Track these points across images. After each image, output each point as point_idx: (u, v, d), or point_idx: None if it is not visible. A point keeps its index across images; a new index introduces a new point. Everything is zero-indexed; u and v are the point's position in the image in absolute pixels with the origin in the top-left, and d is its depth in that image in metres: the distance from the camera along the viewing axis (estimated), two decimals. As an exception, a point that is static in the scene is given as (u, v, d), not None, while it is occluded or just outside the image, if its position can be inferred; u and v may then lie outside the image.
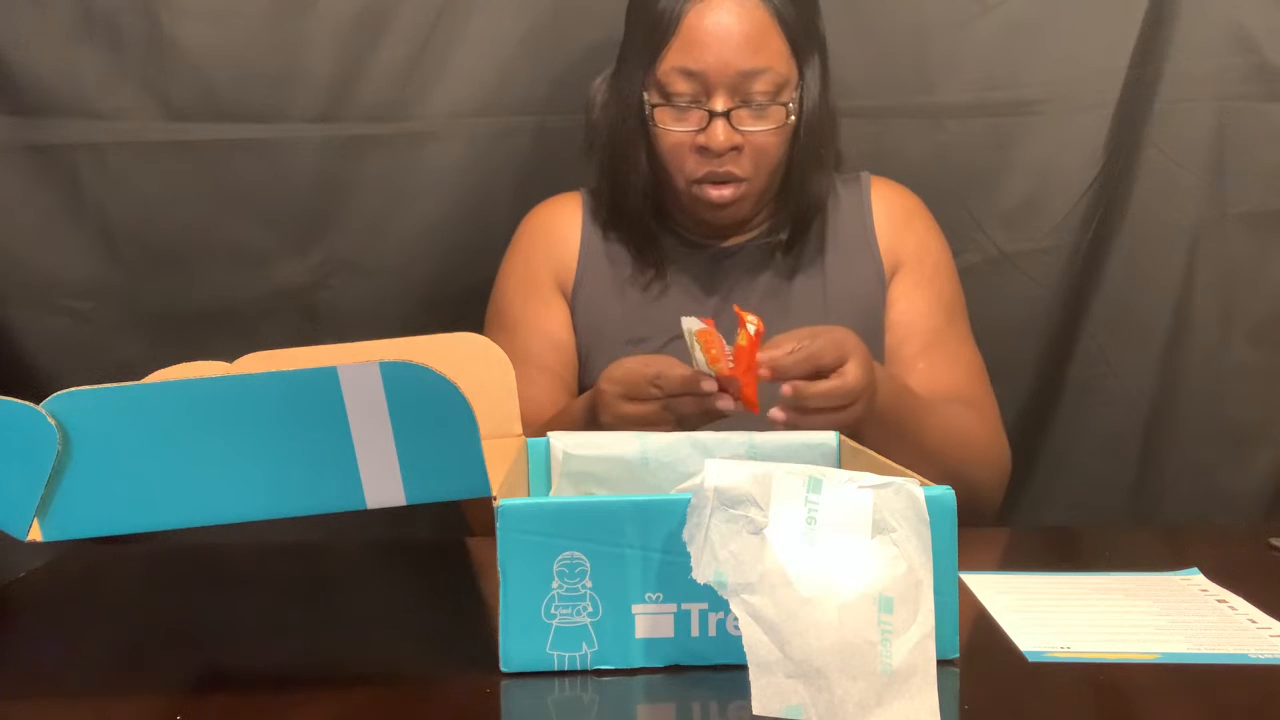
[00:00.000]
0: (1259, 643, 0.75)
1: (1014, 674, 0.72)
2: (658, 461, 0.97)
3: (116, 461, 0.69)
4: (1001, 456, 1.25)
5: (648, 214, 1.28)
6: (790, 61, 1.21)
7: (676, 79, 1.19)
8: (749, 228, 1.29)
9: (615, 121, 1.26)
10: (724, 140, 1.18)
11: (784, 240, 1.27)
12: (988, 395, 1.27)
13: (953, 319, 1.28)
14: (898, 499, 0.68)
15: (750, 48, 1.18)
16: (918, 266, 1.28)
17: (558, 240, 1.32)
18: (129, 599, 0.97)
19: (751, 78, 1.18)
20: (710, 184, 1.21)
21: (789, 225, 1.26)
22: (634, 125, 1.24)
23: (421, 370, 0.67)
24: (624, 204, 1.27)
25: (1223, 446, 1.46)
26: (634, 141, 1.25)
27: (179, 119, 1.44)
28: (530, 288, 1.30)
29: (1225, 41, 1.42)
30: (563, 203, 1.34)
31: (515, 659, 0.70)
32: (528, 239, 1.33)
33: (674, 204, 1.28)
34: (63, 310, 1.46)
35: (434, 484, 0.70)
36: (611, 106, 1.27)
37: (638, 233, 1.29)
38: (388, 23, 1.44)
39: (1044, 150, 1.46)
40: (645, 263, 1.29)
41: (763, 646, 0.64)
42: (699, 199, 1.23)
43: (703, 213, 1.25)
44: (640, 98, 1.23)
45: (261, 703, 0.69)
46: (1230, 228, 1.44)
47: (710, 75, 1.18)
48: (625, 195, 1.27)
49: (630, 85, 1.24)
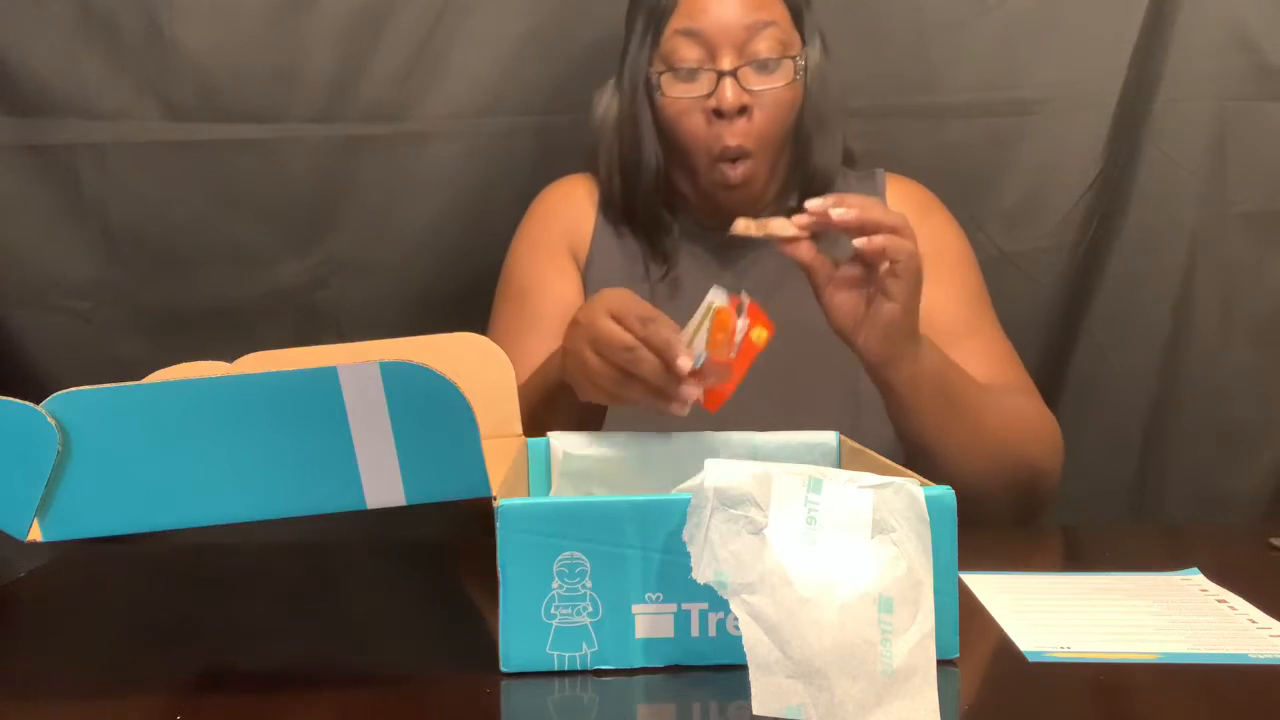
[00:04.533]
0: (1259, 643, 0.75)
1: (1014, 674, 0.72)
2: (658, 461, 0.96)
3: (116, 461, 0.69)
4: (1058, 436, 1.21)
5: (659, 203, 1.27)
6: (791, 25, 1.21)
7: (681, 45, 1.19)
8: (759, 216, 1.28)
9: (624, 110, 1.25)
10: (733, 99, 1.17)
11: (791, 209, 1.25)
12: (1029, 379, 1.24)
13: (979, 308, 1.26)
14: (898, 499, 0.68)
15: (752, 4, 1.19)
16: (938, 259, 1.26)
17: (575, 215, 1.31)
18: (129, 599, 0.97)
19: (755, 33, 1.18)
20: (723, 165, 1.20)
21: (798, 196, 1.24)
22: (643, 106, 1.23)
23: (421, 370, 0.67)
24: (635, 194, 1.27)
25: (1223, 446, 1.46)
26: (644, 123, 1.24)
27: (179, 119, 1.44)
28: (545, 253, 1.30)
29: (1225, 41, 1.42)
30: (579, 182, 1.34)
31: (515, 659, 0.70)
32: (545, 207, 1.33)
33: (684, 189, 1.27)
34: (63, 310, 1.46)
35: (434, 484, 0.70)
36: (618, 97, 1.26)
37: (649, 222, 1.28)
38: (388, 22, 1.45)
39: (1044, 150, 1.46)
40: (655, 258, 1.28)
41: (763, 646, 0.64)
42: (718, 181, 1.21)
43: (718, 195, 1.23)
44: (647, 76, 1.23)
45: (261, 703, 0.69)
46: (1230, 228, 1.44)
47: (713, 34, 1.18)
48: (637, 184, 1.26)
49: (636, 67, 1.24)
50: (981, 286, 1.28)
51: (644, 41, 1.23)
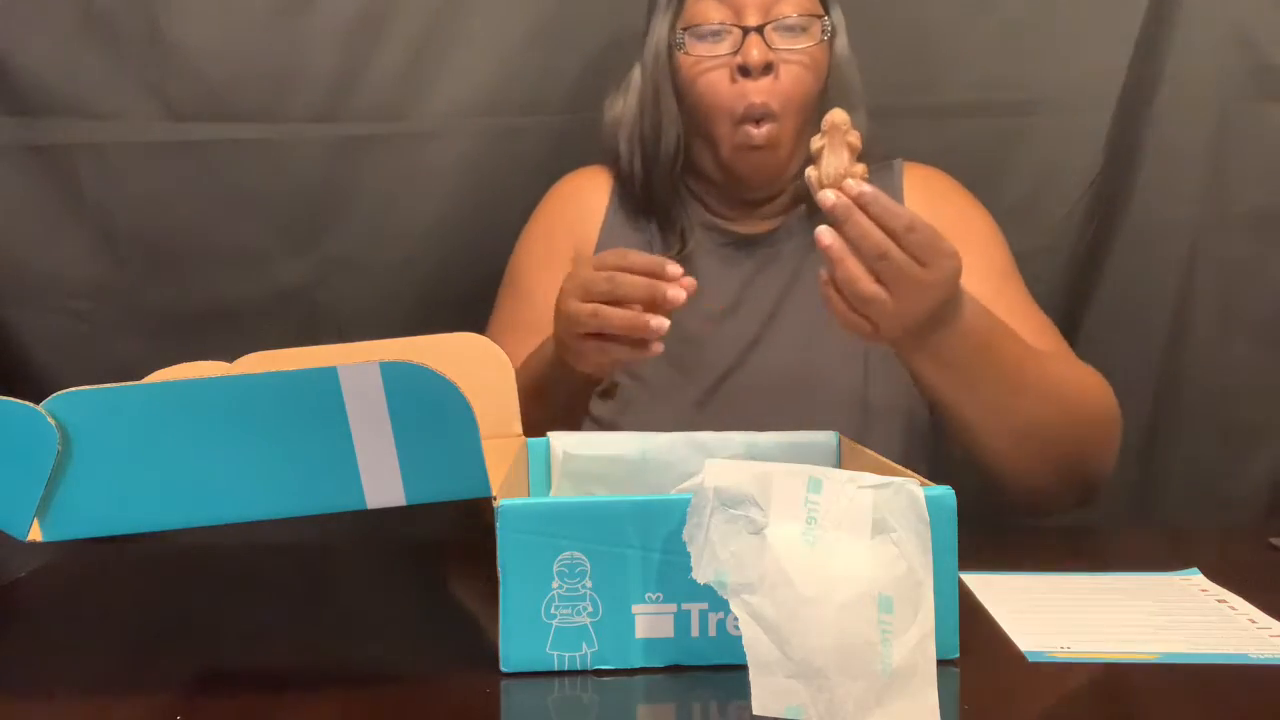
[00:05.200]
0: (1259, 643, 0.75)
1: (1014, 674, 0.72)
2: (658, 461, 0.97)
3: (116, 461, 0.69)
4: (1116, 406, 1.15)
5: (678, 180, 1.26)
6: None
7: (707, 6, 1.19)
8: (775, 211, 1.27)
9: (645, 81, 1.24)
10: (759, 56, 1.16)
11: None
12: (1069, 349, 1.21)
13: (1010, 282, 1.23)
14: (898, 499, 0.68)
15: None
16: (963, 238, 1.16)
17: (584, 212, 1.30)
18: (129, 599, 0.97)
19: None
20: (750, 123, 1.18)
21: None
22: (664, 74, 1.22)
23: (421, 370, 0.67)
24: (653, 170, 1.25)
25: (1223, 446, 1.46)
26: (664, 91, 1.22)
27: (179, 119, 1.44)
28: (548, 257, 1.29)
29: (1225, 41, 1.42)
30: (592, 175, 1.33)
31: (515, 659, 0.70)
32: (553, 206, 1.32)
33: (705, 166, 1.25)
34: (63, 310, 1.46)
35: (434, 484, 0.70)
36: (640, 71, 1.25)
37: (665, 202, 1.26)
38: (388, 22, 1.44)
39: (1044, 150, 1.46)
40: (670, 245, 1.26)
41: (763, 646, 0.64)
42: (741, 143, 1.19)
43: (740, 162, 1.21)
44: (669, 43, 1.22)
45: (261, 703, 0.69)
46: (1230, 228, 1.44)
47: None
48: (656, 156, 1.24)
49: (659, 34, 1.23)
50: (1011, 262, 1.26)
51: (668, 6, 1.22)
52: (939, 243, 0.92)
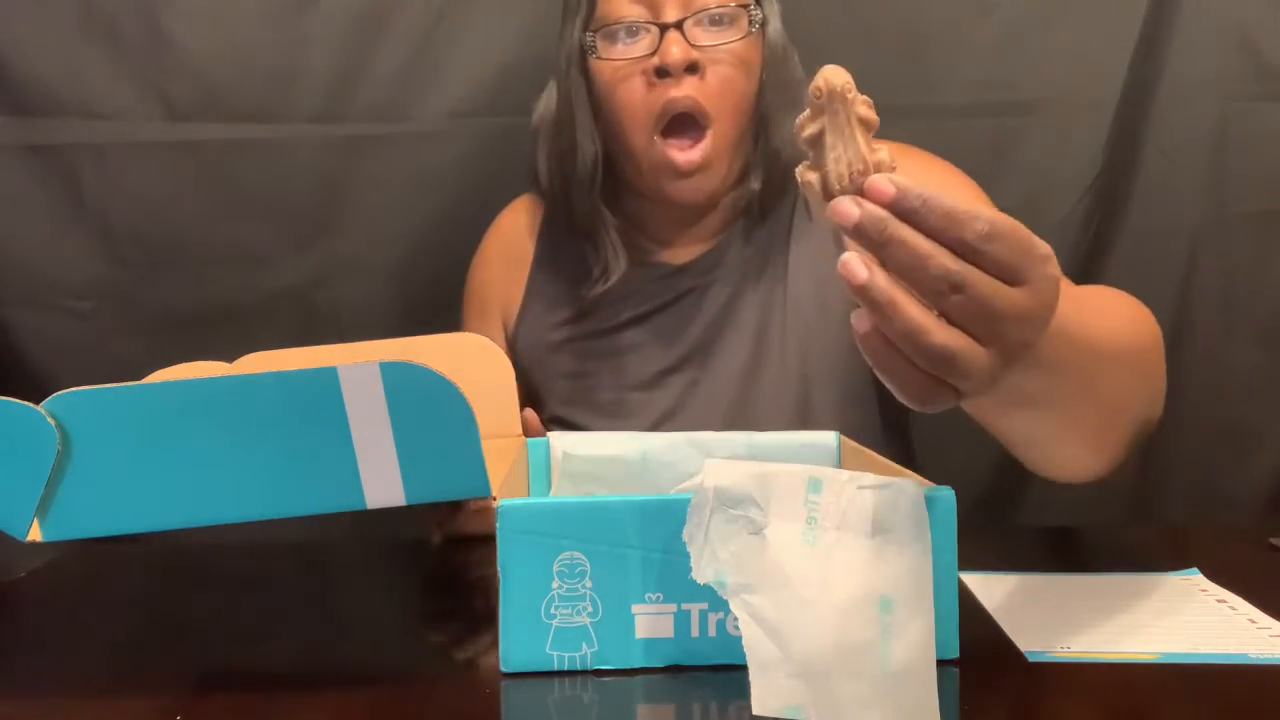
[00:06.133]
0: (1259, 643, 0.75)
1: (1014, 674, 0.72)
2: (658, 461, 0.96)
3: (116, 461, 0.69)
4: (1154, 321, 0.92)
5: (597, 198, 1.15)
6: None
7: (619, 4, 1.07)
8: (714, 229, 1.18)
9: (560, 92, 1.14)
10: (679, 55, 1.03)
11: (756, 191, 1.14)
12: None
13: None
14: (898, 499, 0.68)
15: None
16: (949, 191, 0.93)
17: (511, 263, 1.26)
18: (129, 599, 0.97)
19: None
20: (674, 141, 1.07)
21: (760, 177, 1.14)
22: (577, 82, 1.11)
23: (421, 370, 0.67)
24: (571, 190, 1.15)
25: (1223, 446, 1.46)
26: (578, 100, 1.11)
27: (179, 119, 1.44)
28: (480, 308, 1.28)
29: (1225, 41, 1.42)
30: (525, 210, 1.29)
31: (515, 659, 0.70)
32: (490, 250, 1.30)
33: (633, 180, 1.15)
34: (63, 310, 1.46)
35: (434, 484, 0.70)
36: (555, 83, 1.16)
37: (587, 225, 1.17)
38: (388, 23, 1.45)
39: (1044, 150, 1.46)
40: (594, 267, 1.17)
41: (763, 646, 0.64)
42: (663, 165, 1.08)
43: (666, 184, 1.10)
44: (581, 44, 1.09)
45: (261, 703, 0.69)
46: (1230, 228, 1.44)
47: None
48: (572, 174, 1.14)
49: (569, 42, 1.11)
50: None
51: (579, 7, 1.10)
52: (1032, 246, 0.62)
